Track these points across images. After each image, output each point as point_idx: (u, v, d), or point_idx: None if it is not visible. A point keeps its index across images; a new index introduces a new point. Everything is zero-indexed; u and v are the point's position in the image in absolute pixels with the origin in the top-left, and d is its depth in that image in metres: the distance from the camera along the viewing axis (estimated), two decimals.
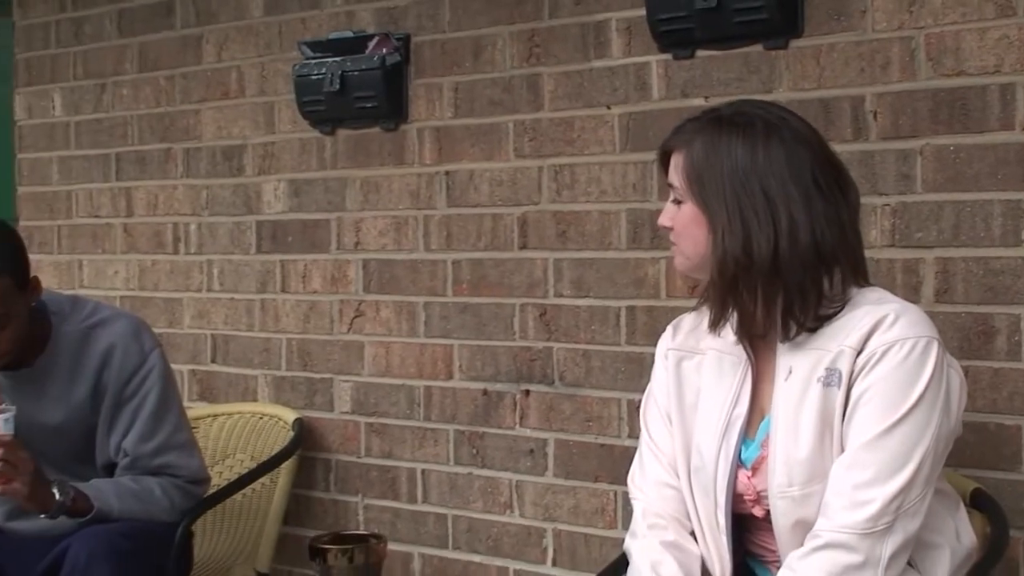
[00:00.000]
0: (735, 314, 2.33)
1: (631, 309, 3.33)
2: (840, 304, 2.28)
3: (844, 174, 2.35)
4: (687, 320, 2.54)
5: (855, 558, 2.19)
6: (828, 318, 2.28)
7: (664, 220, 2.41)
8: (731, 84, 3.13)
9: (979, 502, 2.60)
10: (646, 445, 2.58)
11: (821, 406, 2.25)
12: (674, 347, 2.53)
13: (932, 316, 2.51)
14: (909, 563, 2.30)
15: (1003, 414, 2.78)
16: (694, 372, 2.48)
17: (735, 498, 2.40)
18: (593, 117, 3.38)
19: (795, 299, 2.26)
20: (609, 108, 3.35)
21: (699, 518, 2.46)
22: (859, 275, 2.34)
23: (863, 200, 2.81)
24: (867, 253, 2.78)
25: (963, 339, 2.81)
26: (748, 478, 2.37)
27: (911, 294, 2.87)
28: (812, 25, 3.02)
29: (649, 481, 2.55)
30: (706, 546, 2.46)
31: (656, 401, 2.57)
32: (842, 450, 2.25)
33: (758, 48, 3.10)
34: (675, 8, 3.13)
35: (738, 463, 2.39)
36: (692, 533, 2.49)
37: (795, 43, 3.04)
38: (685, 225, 2.35)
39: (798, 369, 2.29)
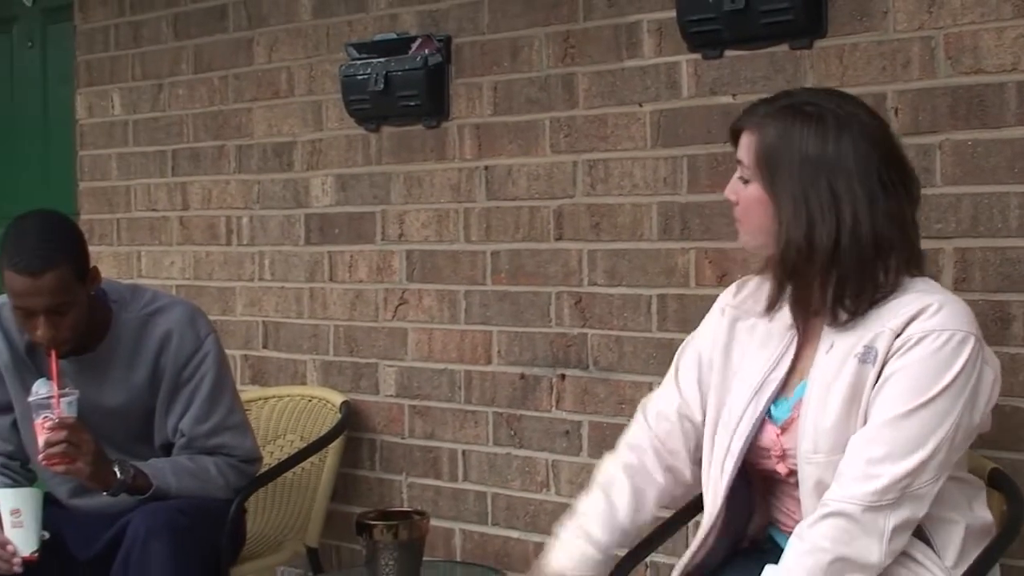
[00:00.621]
0: (796, 298, 2.35)
1: (662, 297, 3.33)
2: (890, 291, 2.29)
3: (908, 169, 2.37)
4: (752, 282, 2.56)
5: (856, 527, 2.20)
6: (877, 303, 2.29)
7: (730, 194, 2.43)
8: (758, 82, 3.12)
9: (996, 481, 2.59)
10: (670, 380, 2.64)
11: (853, 380, 2.27)
12: (733, 305, 2.56)
13: None
14: (924, 538, 2.30)
15: (1019, 397, 2.77)
16: (746, 333, 2.51)
17: (760, 452, 2.43)
18: (625, 114, 3.38)
19: (849, 288, 2.28)
20: (641, 105, 3.35)
21: (711, 464, 2.49)
22: (913, 265, 2.35)
23: None
24: None
25: (981, 325, 2.77)
26: (777, 435, 2.40)
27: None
28: (835, 26, 3.00)
29: (655, 409, 2.64)
30: (707, 492, 2.49)
31: (696, 347, 2.61)
32: (865, 424, 2.26)
33: (784, 48, 3.09)
34: (704, 10, 3.12)
35: (767, 418, 2.41)
36: (669, 470, 2.59)
37: (819, 43, 3.03)
38: (750, 205, 2.38)
39: (839, 344, 2.31)
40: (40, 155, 5.17)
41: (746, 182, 2.38)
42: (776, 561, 2.42)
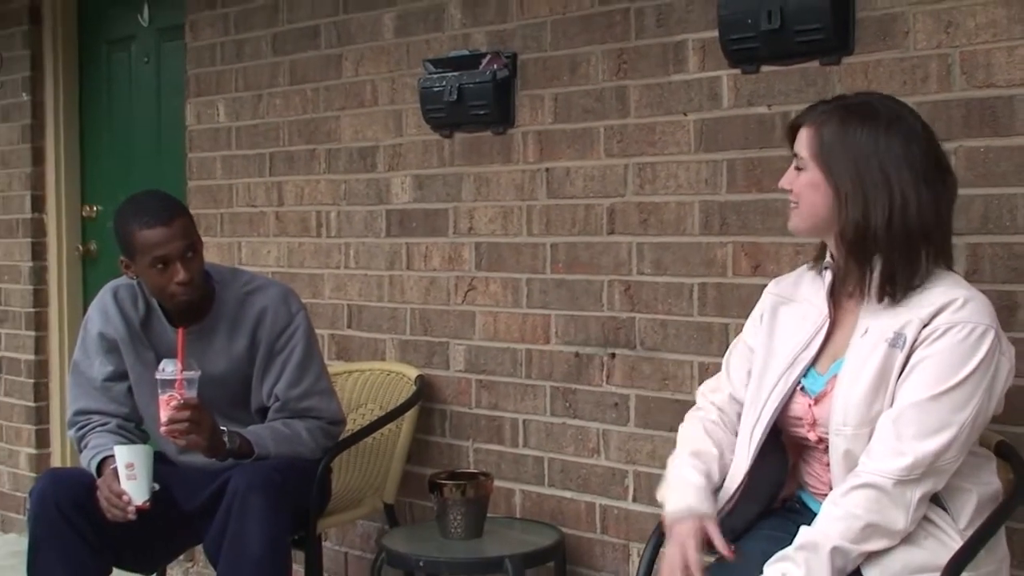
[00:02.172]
0: (853, 278, 2.36)
1: (702, 285, 3.31)
2: (924, 279, 2.30)
3: (947, 167, 2.38)
4: (792, 275, 2.60)
5: (888, 498, 2.21)
6: (913, 289, 2.29)
7: (785, 184, 2.44)
8: (791, 95, 3.10)
9: (1003, 452, 2.57)
10: (723, 375, 2.65)
11: (883, 363, 2.27)
12: (774, 292, 2.59)
13: None
14: (940, 504, 2.29)
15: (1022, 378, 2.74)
16: (787, 317, 2.52)
17: (792, 421, 2.44)
18: (672, 123, 3.36)
19: (898, 267, 2.29)
20: (686, 115, 3.33)
21: (742, 432, 2.51)
22: (944, 258, 2.35)
23: None
24: None
25: None
26: (809, 405, 2.41)
27: None
28: (862, 44, 2.98)
29: (711, 393, 2.66)
30: (738, 458, 2.50)
31: (744, 342, 2.63)
32: (891, 403, 2.25)
33: (815, 64, 3.06)
34: (744, 29, 3.10)
35: (801, 390, 2.42)
36: (736, 433, 2.57)
37: (847, 59, 3.00)
38: (805, 189, 2.38)
39: (873, 330, 2.31)
40: (154, 157, 5.21)
41: (800, 170, 2.39)
42: (806, 522, 2.42)
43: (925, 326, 2.25)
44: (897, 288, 2.30)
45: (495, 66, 3.70)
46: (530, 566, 3.37)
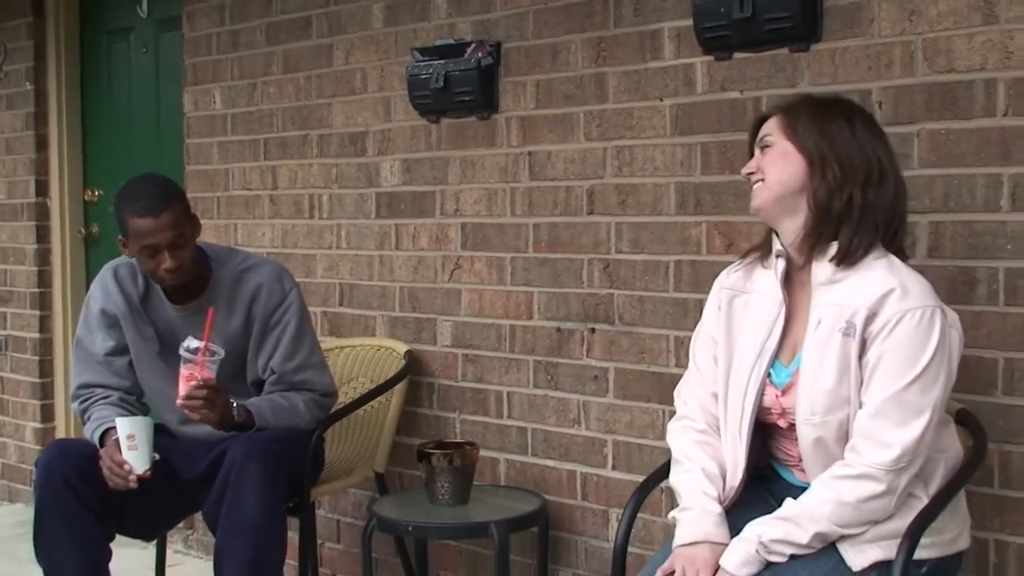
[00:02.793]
0: (813, 244, 2.35)
1: (678, 263, 3.31)
2: (873, 255, 2.32)
3: (896, 161, 2.41)
4: (739, 266, 2.56)
5: (880, 487, 2.23)
6: (857, 264, 2.30)
7: (749, 167, 2.44)
8: (762, 80, 3.10)
9: (964, 419, 2.58)
10: (693, 370, 2.61)
11: (840, 352, 2.27)
12: (727, 287, 2.55)
13: (925, 269, 2.53)
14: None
15: (982, 348, 2.74)
16: (742, 308, 2.50)
17: (763, 411, 2.42)
18: (648, 108, 3.36)
19: (857, 235, 2.30)
20: (662, 100, 3.32)
21: (727, 427, 2.47)
22: (895, 239, 2.38)
23: None
24: None
25: (951, 288, 2.78)
26: (776, 396, 2.40)
27: (908, 251, 2.81)
28: (829, 32, 2.98)
29: (690, 396, 2.59)
30: (728, 451, 2.47)
31: (706, 332, 2.58)
32: (856, 387, 2.27)
33: (784, 51, 3.06)
34: (717, 18, 3.09)
35: (768, 382, 2.39)
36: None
37: (815, 46, 3.00)
38: (774, 161, 2.38)
39: (825, 320, 2.30)
40: (154, 143, 5.19)
41: (767, 148, 2.40)
42: (778, 488, 2.44)
43: (873, 314, 2.25)
44: (855, 257, 2.30)
45: (480, 54, 3.69)
46: (514, 531, 3.38)
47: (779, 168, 2.36)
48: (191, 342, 3.09)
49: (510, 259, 3.72)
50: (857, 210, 2.30)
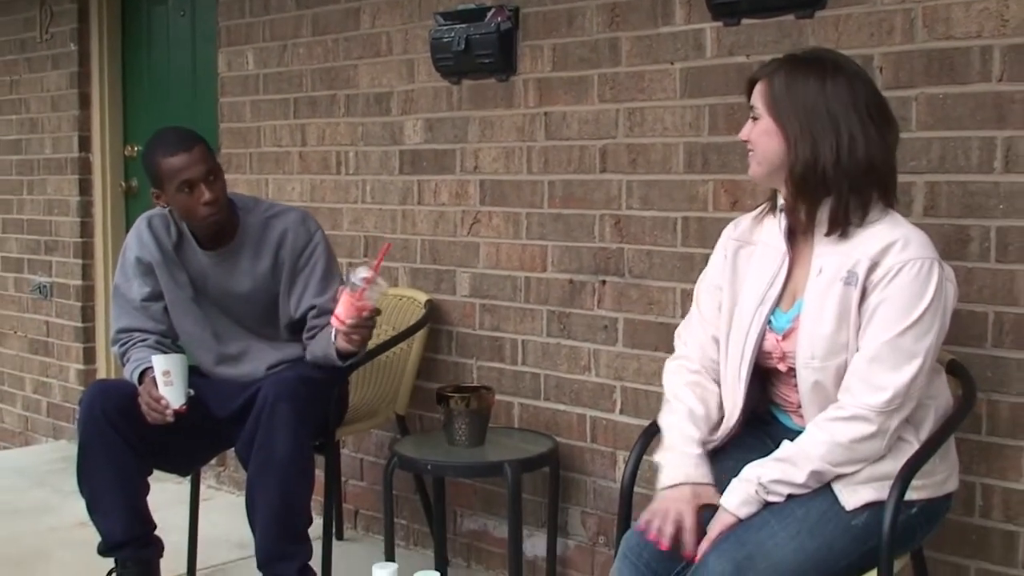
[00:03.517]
0: (802, 214, 2.32)
1: (685, 219, 3.30)
2: (871, 216, 2.28)
3: (889, 111, 2.34)
4: (746, 219, 2.54)
5: (871, 428, 2.22)
6: (860, 225, 2.27)
7: (743, 135, 2.41)
8: (768, 46, 3.07)
9: (954, 370, 2.58)
10: (695, 313, 2.59)
11: (841, 299, 2.26)
12: (734, 237, 2.53)
13: (921, 226, 2.48)
14: (906, 419, 2.29)
15: (974, 303, 2.74)
16: (747, 259, 2.48)
17: (764, 355, 2.41)
18: (659, 71, 3.33)
19: (847, 203, 2.26)
20: (672, 64, 3.30)
21: (727, 370, 2.46)
22: (889, 197, 2.33)
23: None
24: None
25: (945, 245, 2.76)
26: (777, 341, 2.38)
27: (905, 209, 2.81)
28: None
29: (690, 338, 2.58)
30: (727, 393, 2.47)
31: (711, 279, 2.56)
32: (855, 333, 2.25)
33: (791, 17, 3.03)
34: None
35: (768, 327, 2.38)
36: (716, 381, 2.50)
37: (820, 13, 2.97)
38: (760, 136, 2.35)
39: (827, 269, 2.29)
40: (189, 102, 5.17)
41: (756, 119, 2.36)
42: (776, 432, 2.43)
43: (875, 264, 2.23)
44: (848, 223, 2.27)
45: (499, 19, 3.66)
46: (527, 471, 3.38)
47: (764, 145, 2.34)
48: (361, 271, 3.03)
49: (526, 214, 3.71)
50: (833, 184, 2.26)
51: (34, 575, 3.87)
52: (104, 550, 3.28)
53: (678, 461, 2.40)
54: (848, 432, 2.22)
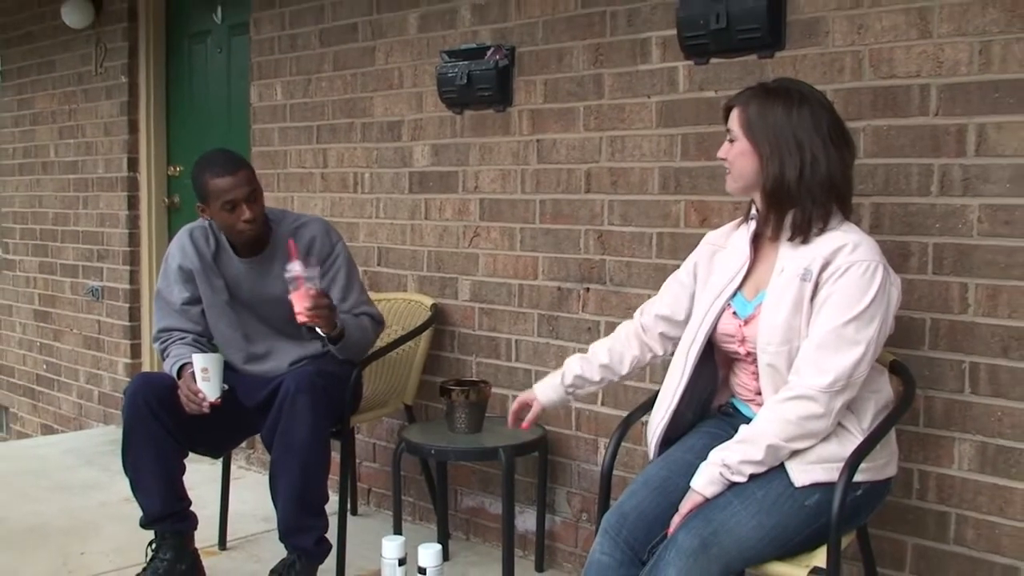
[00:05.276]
0: (773, 224, 2.35)
1: (660, 235, 3.28)
2: (828, 225, 2.31)
3: (847, 134, 2.36)
4: (725, 228, 2.59)
5: (818, 407, 2.21)
6: (820, 232, 2.30)
7: (721, 154, 2.42)
8: (734, 82, 3.06)
9: (896, 369, 2.57)
10: (659, 295, 2.69)
11: (797, 293, 2.27)
12: (711, 241, 2.58)
13: None
14: (849, 408, 2.28)
15: (913, 310, 2.73)
16: (719, 262, 2.51)
17: (725, 338, 2.44)
18: (638, 104, 3.32)
19: (809, 213, 2.29)
20: (649, 98, 3.29)
21: (678, 351, 2.51)
22: (846, 209, 2.35)
23: None
24: None
25: (888, 259, 2.68)
26: (739, 326, 2.41)
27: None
28: (791, 41, 2.94)
29: (648, 309, 2.71)
30: (673, 372, 2.49)
31: (679, 273, 2.64)
32: (807, 323, 2.26)
33: (753, 57, 3.02)
34: (697, 29, 3.06)
35: (734, 314, 2.42)
36: (643, 345, 2.68)
37: (779, 53, 2.97)
38: (736, 156, 2.37)
39: (788, 268, 2.31)
40: (225, 128, 5.17)
41: (732, 142, 2.38)
42: (739, 424, 2.42)
43: (827, 263, 2.25)
44: (810, 230, 2.30)
45: (497, 57, 3.65)
46: (519, 455, 3.37)
47: (740, 164, 2.37)
48: (292, 270, 3.02)
49: (520, 229, 3.70)
50: (796, 198, 2.29)
51: (85, 544, 3.85)
52: (145, 523, 3.27)
53: (546, 379, 2.75)
54: (797, 410, 2.22)
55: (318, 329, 3.13)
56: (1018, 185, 2.56)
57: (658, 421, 2.49)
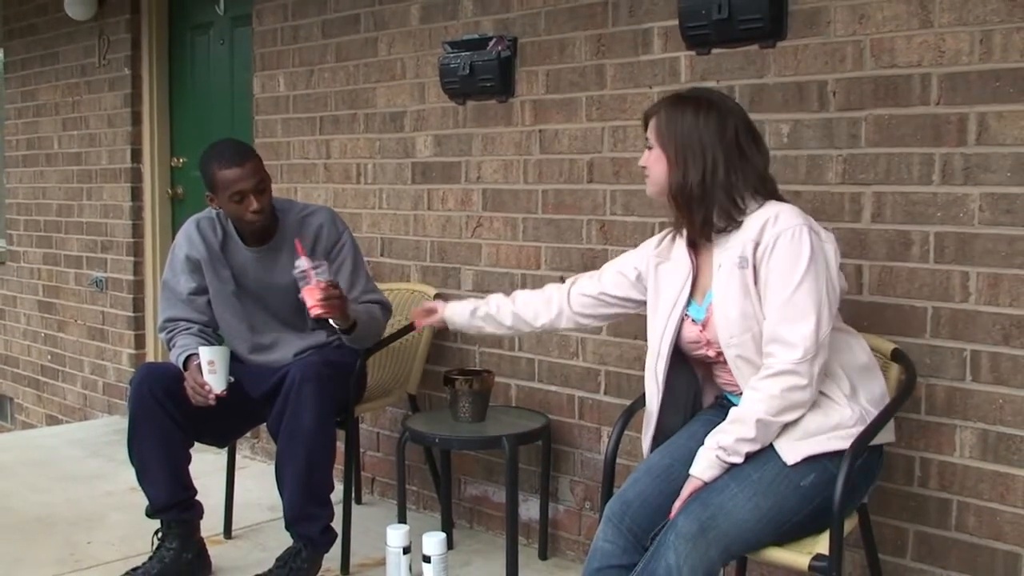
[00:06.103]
0: (684, 224, 2.44)
1: (661, 224, 3.28)
2: (749, 210, 2.36)
3: (758, 136, 2.44)
4: (665, 239, 2.61)
5: (800, 380, 2.25)
6: (739, 222, 2.35)
7: (641, 162, 2.50)
8: (735, 72, 3.06)
9: (897, 356, 2.58)
10: (597, 277, 2.75)
11: (740, 282, 2.32)
12: (654, 255, 2.61)
13: (868, 233, 2.52)
14: (825, 374, 2.32)
15: (914, 299, 2.73)
16: (665, 274, 2.55)
17: (690, 345, 2.48)
18: (640, 94, 3.32)
19: (713, 213, 2.36)
20: (651, 88, 3.29)
21: (648, 367, 2.54)
22: (766, 192, 2.40)
23: (824, 152, 2.81)
24: (825, 189, 2.80)
25: (890, 248, 2.76)
26: (699, 331, 2.45)
27: (855, 217, 2.82)
28: (792, 31, 2.93)
29: (578, 282, 2.79)
30: (649, 385, 2.54)
31: (623, 268, 2.70)
32: (760, 305, 2.31)
33: (755, 47, 3.02)
34: (698, 19, 3.06)
35: (691, 321, 2.46)
36: (559, 312, 2.79)
37: (781, 44, 2.96)
38: (652, 163, 2.45)
39: (724, 263, 2.36)
40: (228, 120, 5.16)
41: (650, 149, 2.45)
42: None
43: (756, 244, 2.31)
44: (714, 227, 2.37)
45: (500, 47, 3.65)
46: (522, 444, 3.38)
47: (655, 170, 2.44)
48: (299, 265, 3.04)
49: (522, 219, 3.70)
50: (700, 199, 2.36)
51: (91, 533, 3.86)
52: (151, 512, 3.28)
53: (461, 303, 2.92)
54: (778, 384, 2.25)
55: (332, 322, 3.13)
56: (1019, 174, 2.56)
57: (648, 434, 2.56)
